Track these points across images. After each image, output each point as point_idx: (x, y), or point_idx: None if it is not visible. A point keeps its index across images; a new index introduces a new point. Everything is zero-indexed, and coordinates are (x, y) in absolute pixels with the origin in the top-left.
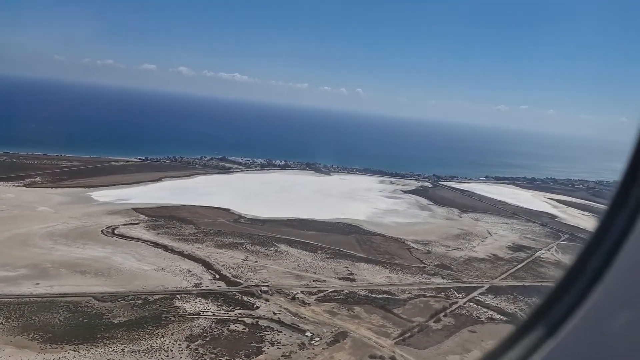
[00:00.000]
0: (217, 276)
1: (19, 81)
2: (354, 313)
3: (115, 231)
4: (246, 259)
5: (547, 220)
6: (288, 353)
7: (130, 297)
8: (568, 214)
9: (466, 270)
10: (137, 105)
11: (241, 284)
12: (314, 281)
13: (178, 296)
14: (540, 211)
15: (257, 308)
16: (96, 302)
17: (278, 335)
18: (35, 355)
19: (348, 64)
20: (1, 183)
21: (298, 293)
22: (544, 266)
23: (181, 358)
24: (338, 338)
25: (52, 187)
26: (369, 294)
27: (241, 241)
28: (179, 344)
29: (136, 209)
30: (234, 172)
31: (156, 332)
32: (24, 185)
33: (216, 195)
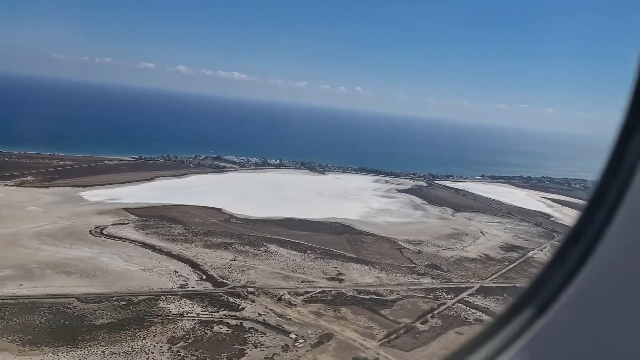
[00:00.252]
0: (204, 277)
1: (16, 79)
2: (341, 314)
3: (103, 231)
4: (234, 259)
5: (542, 219)
6: (271, 355)
7: (114, 298)
8: (563, 213)
9: (457, 270)
10: (135, 104)
11: (228, 285)
12: (302, 282)
13: (163, 297)
14: (534, 210)
15: (243, 309)
16: (79, 304)
17: (262, 337)
18: (13, 357)
19: (347, 63)
20: None
21: (285, 294)
22: (536, 266)
23: None
24: (322, 340)
25: (43, 187)
26: (357, 295)
27: (231, 241)
28: (161, 346)
29: (126, 209)
30: (228, 172)
31: (138, 334)
32: (15, 184)
33: (209, 194)
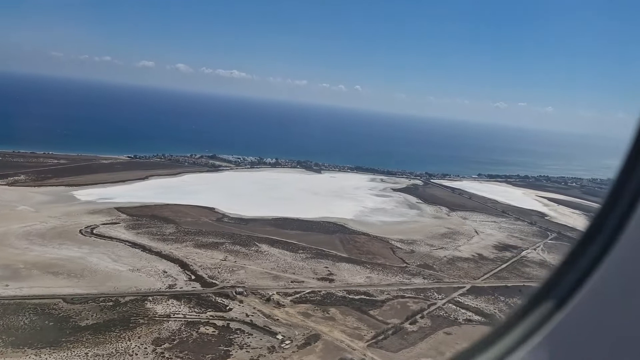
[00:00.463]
0: (193, 277)
1: (14, 77)
2: (329, 315)
3: (94, 231)
4: (225, 259)
5: (537, 218)
6: (256, 357)
7: (101, 299)
8: (558, 212)
9: (449, 270)
10: (134, 102)
11: (217, 285)
12: (292, 282)
13: (150, 298)
14: (530, 209)
15: (230, 310)
16: (65, 305)
17: (248, 338)
18: None
19: (347, 61)
20: None
21: (274, 294)
22: (529, 266)
23: None
24: (310, 341)
25: (35, 186)
26: (347, 295)
27: (222, 241)
28: (145, 348)
29: (118, 208)
30: (223, 170)
31: (123, 335)
32: (7, 184)
33: (202, 193)
